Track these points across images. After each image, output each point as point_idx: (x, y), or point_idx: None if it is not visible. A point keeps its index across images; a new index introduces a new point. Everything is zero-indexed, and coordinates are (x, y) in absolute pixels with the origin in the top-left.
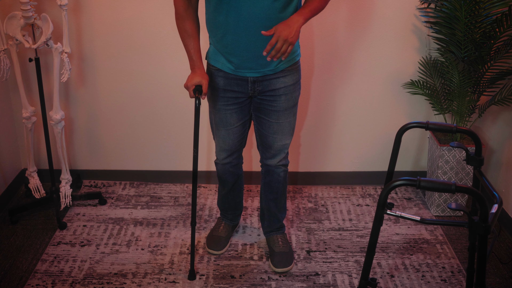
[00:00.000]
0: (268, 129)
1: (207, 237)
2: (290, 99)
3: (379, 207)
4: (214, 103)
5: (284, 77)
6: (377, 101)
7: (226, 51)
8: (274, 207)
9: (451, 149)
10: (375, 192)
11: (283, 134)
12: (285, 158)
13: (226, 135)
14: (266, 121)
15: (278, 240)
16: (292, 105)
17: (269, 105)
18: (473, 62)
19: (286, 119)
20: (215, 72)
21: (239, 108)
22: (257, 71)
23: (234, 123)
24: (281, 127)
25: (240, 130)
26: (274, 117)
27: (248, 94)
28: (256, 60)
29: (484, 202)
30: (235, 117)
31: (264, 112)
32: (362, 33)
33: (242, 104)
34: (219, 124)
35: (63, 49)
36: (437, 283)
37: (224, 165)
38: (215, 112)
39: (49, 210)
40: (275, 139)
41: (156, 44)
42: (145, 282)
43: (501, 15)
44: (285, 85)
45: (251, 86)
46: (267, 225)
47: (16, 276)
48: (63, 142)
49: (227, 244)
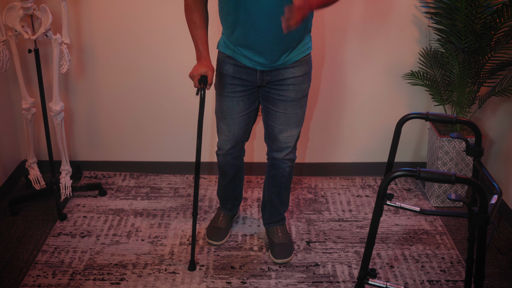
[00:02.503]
0: (275, 119)
1: (207, 228)
2: (298, 90)
3: (379, 198)
4: (221, 90)
5: (294, 67)
6: (377, 92)
7: (237, 44)
8: (276, 201)
9: (451, 140)
10: (375, 183)
11: (289, 125)
12: (291, 152)
13: (231, 124)
14: (274, 111)
15: (278, 232)
16: (300, 96)
17: (277, 94)
18: (473, 53)
19: (293, 110)
20: (225, 59)
21: (246, 97)
22: (266, 66)
23: (240, 111)
24: (287, 118)
25: (245, 120)
26: (281, 107)
27: (257, 84)
28: (265, 55)
29: (483, 193)
30: (241, 106)
31: (271, 102)
32: (362, 24)
33: (249, 92)
34: (225, 112)
35: (62, 40)
36: (437, 274)
37: (225, 156)
38: (222, 100)
39: (49, 201)
40: (281, 130)
41: (156, 34)
42: (145, 273)
43: (502, 6)
44: (293, 75)
45: (259, 76)
46: (267, 217)
47: (17, 267)
48: (63, 133)
49: (227, 234)
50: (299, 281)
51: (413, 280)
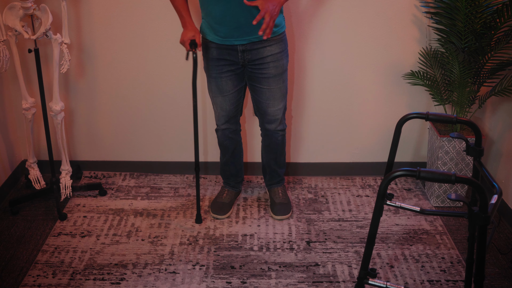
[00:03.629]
0: (261, 95)
1: (211, 204)
2: (278, 66)
3: (379, 197)
4: (210, 72)
5: (271, 46)
6: (377, 92)
7: (214, 22)
8: (274, 164)
9: (451, 140)
10: (375, 183)
11: (275, 99)
12: (282, 123)
13: (223, 101)
14: (259, 88)
15: (278, 192)
16: (281, 72)
17: (259, 72)
18: (474, 52)
19: (277, 85)
20: (209, 44)
21: (233, 76)
22: (243, 38)
23: (229, 89)
24: (272, 93)
25: (235, 97)
26: (265, 83)
27: (240, 63)
28: (241, 28)
29: (483, 192)
30: (230, 84)
31: (256, 80)
32: (362, 23)
33: (236, 72)
34: (216, 91)
35: (62, 40)
36: (437, 274)
37: (223, 130)
38: (212, 81)
39: (49, 201)
40: (268, 104)
41: (155, 35)
42: (145, 273)
43: (502, 6)
44: (271, 53)
45: (241, 55)
46: (268, 179)
47: (17, 266)
48: (63, 133)
49: (231, 209)
50: (299, 281)
51: (413, 280)
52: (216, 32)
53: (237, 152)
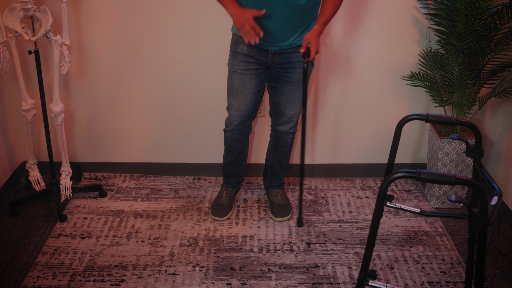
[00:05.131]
0: (282, 98)
1: (211, 206)
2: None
3: (379, 199)
4: (235, 68)
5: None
6: (377, 93)
7: None
8: (277, 167)
9: (451, 141)
10: (375, 184)
11: (294, 103)
12: (294, 126)
13: (243, 99)
14: (281, 90)
15: (277, 194)
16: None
17: (285, 76)
18: (474, 54)
19: (298, 90)
20: (239, 39)
21: (258, 75)
22: (275, 45)
23: (251, 88)
24: (293, 97)
25: (255, 97)
26: (288, 87)
27: (267, 64)
28: (274, 36)
29: (483, 194)
30: (253, 83)
31: (279, 82)
32: (362, 25)
33: (260, 71)
34: (238, 88)
35: (62, 42)
36: (437, 275)
37: (233, 131)
38: (235, 77)
39: (49, 203)
40: (287, 107)
41: (155, 36)
42: (145, 274)
43: (502, 7)
44: (300, 59)
45: (270, 57)
46: (268, 181)
47: (17, 268)
48: (63, 134)
49: (231, 211)
50: (299, 283)
51: (413, 281)
52: None
53: (242, 154)
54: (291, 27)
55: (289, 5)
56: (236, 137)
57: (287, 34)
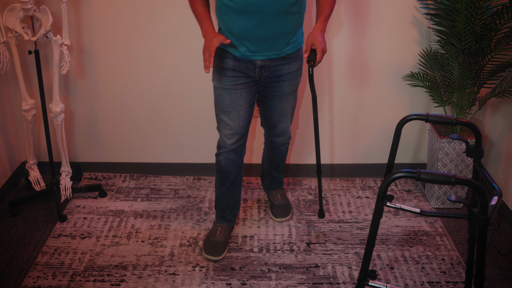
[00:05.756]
0: (273, 111)
1: (204, 242)
2: (293, 84)
3: (379, 199)
4: (224, 84)
5: (289, 64)
6: (377, 93)
7: (233, 37)
8: (275, 172)
9: (451, 141)
10: (375, 184)
11: (286, 116)
12: (288, 137)
13: (236, 117)
14: (271, 104)
15: (277, 195)
16: (294, 89)
17: (273, 90)
18: (474, 54)
19: (289, 103)
20: (224, 54)
21: (248, 89)
22: (262, 54)
23: (243, 104)
24: (284, 110)
25: (248, 112)
26: (278, 101)
27: (255, 78)
28: (261, 44)
29: (483, 194)
30: (244, 98)
31: (268, 97)
32: (362, 25)
33: (251, 85)
34: (229, 105)
35: (62, 42)
36: (437, 275)
37: (229, 153)
38: (224, 94)
39: (49, 203)
40: (279, 120)
41: (155, 36)
42: (145, 274)
43: (502, 7)
44: (289, 71)
45: (258, 70)
46: (267, 183)
47: (17, 268)
48: (63, 134)
49: (226, 248)
50: (299, 283)
51: (413, 281)
52: (233, 47)
53: (237, 180)
54: (278, 34)
55: (275, 10)
56: (231, 159)
57: (274, 41)
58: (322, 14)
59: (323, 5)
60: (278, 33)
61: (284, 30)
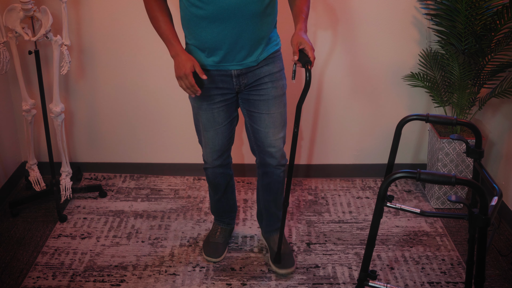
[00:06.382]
0: (260, 123)
1: (204, 244)
2: (277, 86)
3: (379, 199)
4: (200, 104)
5: (267, 65)
6: (377, 94)
7: (204, 47)
8: (273, 207)
9: (451, 142)
10: (375, 185)
11: (276, 126)
12: (283, 156)
13: (215, 135)
14: (257, 114)
15: (277, 240)
16: (280, 93)
17: (257, 95)
18: (474, 54)
19: (277, 110)
20: None
21: (226, 106)
22: (239, 63)
23: (222, 121)
24: (273, 119)
25: (228, 129)
26: (264, 108)
27: (235, 90)
28: (238, 53)
29: (484, 194)
30: (222, 116)
31: (253, 104)
32: (362, 25)
33: (229, 101)
34: (207, 125)
35: (62, 42)
36: (437, 275)
37: (214, 168)
38: (201, 113)
39: (50, 203)
40: (268, 133)
41: (155, 37)
42: (146, 275)
43: (502, 7)
44: (269, 72)
45: (236, 80)
46: (265, 225)
47: (17, 268)
48: (63, 134)
49: (225, 250)
50: (299, 283)
51: (413, 281)
52: (206, 57)
53: (229, 187)
54: (253, 40)
55: (247, 14)
56: (218, 172)
57: (249, 48)
58: (301, 13)
59: (299, 5)
60: (254, 38)
61: (260, 34)
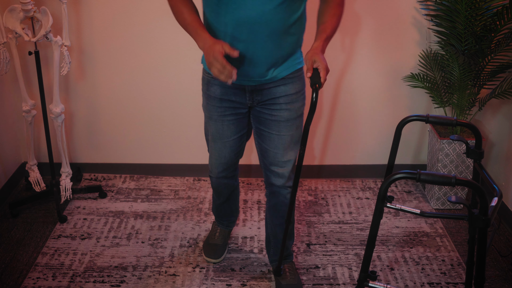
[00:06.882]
0: (269, 142)
1: (204, 245)
2: (292, 109)
3: (379, 200)
4: (210, 114)
5: (285, 85)
6: (377, 94)
7: None
8: (281, 233)
9: (451, 142)
10: (375, 185)
11: (285, 148)
12: (290, 178)
13: (222, 147)
14: (267, 133)
15: (285, 271)
16: (294, 116)
17: (269, 114)
18: (474, 55)
19: (288, 132)
20: (211, 80)
21: (237, 120)
22: (253, 80)
23: (230, 135)
24: (282, 141)
25: (237, 143)
26: (274, 128)
27: (247, 105)
28: (253, 68)
29: (484, 195)
30: (232, 129)
31: (264, 123)
32: (362, 26)
33: (240, 115)
34: (215, 136)
35: (62, 42)
36: (437, 276)
37: (219, 179)
38: (211, 123)
39: (49, 204)
40: (276, 154)
41: (155, 37)
42: (145, 275)
43: (502, 8)
44: (286, 93)
45: (249, 96)
46: (273, 253)
47: (17, 269)
48: (63, 135)
49: (225, 250)
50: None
51: (413, 282)
52: None
53: (233, 195)
54: (270, 59)
55: (270, 32)
56: (222, 182)
57: (265, 67)
58: (324, 33)
59: (326, 23)
60: (272, 57)
61: (279, 54)
